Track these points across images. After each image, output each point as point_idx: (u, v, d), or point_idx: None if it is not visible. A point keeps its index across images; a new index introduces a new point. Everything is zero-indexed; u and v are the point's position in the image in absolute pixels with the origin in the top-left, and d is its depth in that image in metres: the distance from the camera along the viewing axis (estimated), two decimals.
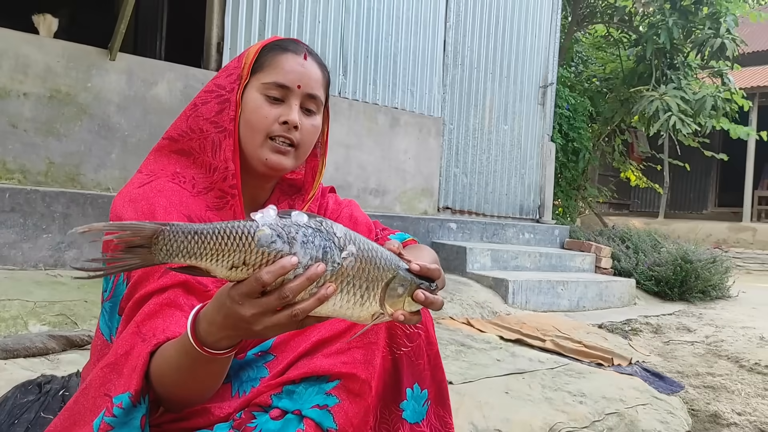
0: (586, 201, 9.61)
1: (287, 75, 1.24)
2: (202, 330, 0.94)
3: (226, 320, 0.90)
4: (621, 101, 8.59)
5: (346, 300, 0.91)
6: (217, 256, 0.85)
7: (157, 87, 4.07)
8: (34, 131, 3.65)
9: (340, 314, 0.93)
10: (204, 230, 0.85)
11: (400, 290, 0.94)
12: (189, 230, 0.86)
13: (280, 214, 0.88)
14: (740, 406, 2.97)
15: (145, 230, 0.85)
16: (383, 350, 1.18)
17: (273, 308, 0.87)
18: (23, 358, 2.50)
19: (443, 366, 1.29)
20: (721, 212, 15.81)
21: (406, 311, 0.95)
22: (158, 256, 0.86)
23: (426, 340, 1.24)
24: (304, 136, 1.26)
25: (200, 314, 0.95)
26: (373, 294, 0.92)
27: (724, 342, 4.13)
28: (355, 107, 5.12)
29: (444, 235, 5.37)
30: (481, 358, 3.25)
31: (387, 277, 0.93)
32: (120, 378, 1.05)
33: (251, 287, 0.86)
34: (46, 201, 3.34)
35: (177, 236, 0.85)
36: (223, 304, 0.90)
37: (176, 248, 0.85)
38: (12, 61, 3.57)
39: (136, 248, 0.86)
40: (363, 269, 0.91)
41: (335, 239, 0.89)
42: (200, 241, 0.85)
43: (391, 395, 1.20)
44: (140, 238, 0.85)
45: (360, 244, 0.91)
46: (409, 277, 0.95)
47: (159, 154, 1.30)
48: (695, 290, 5.82)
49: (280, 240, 0.86)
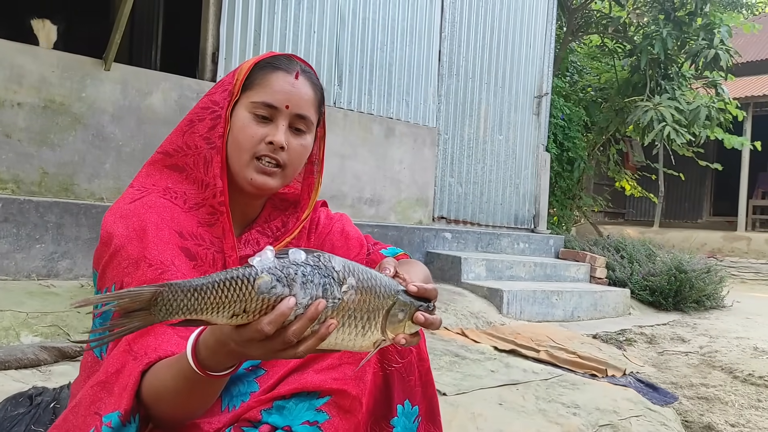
0: (581, 210, 9.64)
1: (276, 95, 1.23)
2: (204, 357, 0.94)
3: (230, 353, 0.91)
4: (616, 111, 8.64)
5: (348, 333, 0.91)
6: (217, 308, 0.85)
7: (151, 97, 4.07)
8: (28, 141, 3.64)
9: (343, 346, 0.93)
10: (203, 285, 0.85)
11: (400, 315, 0.95)
12: (188, 288, 0.85)
13: (278, 255, 0.88)
14: (734, 418, 2.97)
15: (143, 295, 0.85)
16: (374, 366, 1.18)
17: (277, 350, 0.88)
18: (15, 369, 2.49)
19: (434, 381, 1.29)
20: (716, 221, 15.88)
21: (407, 334, 0.96)
22: (158, 316, 0.85)
23: (417, 356, 1.24)
24: (291, 156, 1.25)
25: (200, 341, 0.95)
26: (374, 323, 0.93)
27: (718, 353, 4.14)
28: (350, 117, 5.13)
29: (439, 245, 5.38)
30: (475, 368, 3.25)
31: (387, 305, 0.93)
32: (110, 396, 1.05)
33: (254, 336, 0.86)
34: (40, 211, 3.34)
35: (176, 295, 0.85)
36: (226, 343, 0.90)
37: (176, 307, 0.85)
38: (6, 71, 3.57)
39: (134, 312, 0.85)
40: (363, 300, 0.91)
41: (334, 274, 0.89)
42: (200, 297, 0.85)
43: (381, 411, 1.20)
44: (139, 303, 0.85)
45: (359, 275, 0.91)
46: (408, 300, 0.95)
47: (152, 168, 1.29)
48: (690, 300, 5.83)
49: (279, 284, 0.85)
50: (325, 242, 1.42)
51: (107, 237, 1.17)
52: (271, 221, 1.36)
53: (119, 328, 0.86)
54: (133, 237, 1.15)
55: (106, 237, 1.18)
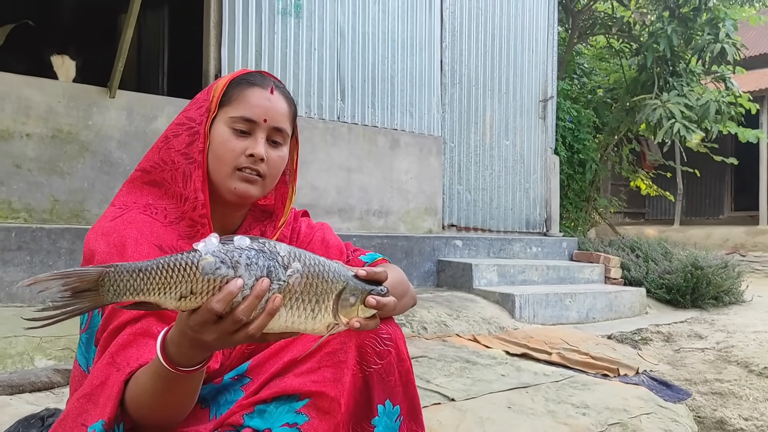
0: (598, 211, 9.58)
1: (253, 109, 1.28)
2: (172, 352, 0.98)
3: (192, 344, 0.95)
4: (626, 111, 8.59)
5: (298, 315, 0.95)
6: (164, 289, 0.89)
7: (156, 121, 4.16)
8: (38, 170, 3.74)
9: (295, 328, 0.96)
10: (148, 266, 0.89)
11: (351, 299, 0.98)
12: (133, 268, 0.89)
13: (223, 241, 0.92)
14: (747, 411, 2.94)
15: (89, 274, 0.89)
16: (353, 368, 1.20)
17: (230, 331, 0.92)
18: (29, 392, 2.55)
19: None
20: (738, 216, 15.63)
21: (361, 318, 0.99)
22: (107, 297, 0.89)
23: (397, 357, 1.26)
24: (270, 167, 1.30)
25: (167, 338, 0.99)
26: (324, 306, 0.96)
27: (734, 347, 4.09)
28: (354, 131, 5.18)
29: (450, 253, 5.38)
30: (485, 374, 3.24)
31: (337, 289, 0.97)
32: (96, 408, 1.09)
33: (205, 317, 0.90)
34: (52, 238, 3.42)
35: (122, 276, 0.89)
36: (185, 332, 0.94)
37: (123, 287, 0.89)
38: (14, 103, 3.68)
39: (84, 292, 0.89)
40: (310, 284, 0.95)
41: (279, 258, 0.93)
42: (145, 277, 0.88)
43: (363, 412, 1.22)
44: (86, 282, 0.88)
45: (306, 260, 0.95)
46: (359, 285, 0.99)
47: (132, 186, 1.34)
48: (708, 296, 5.76)
49: (224, 266, 0.89)
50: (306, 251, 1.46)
51: (89, 254, 1.22)
52: (251, 231, 1.40)
53: (70, 307, 0.89)
54: (113, 253, 1.19)
55: (89, 254, 1.23)
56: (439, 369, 3.18)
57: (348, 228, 5.06)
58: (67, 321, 0.90)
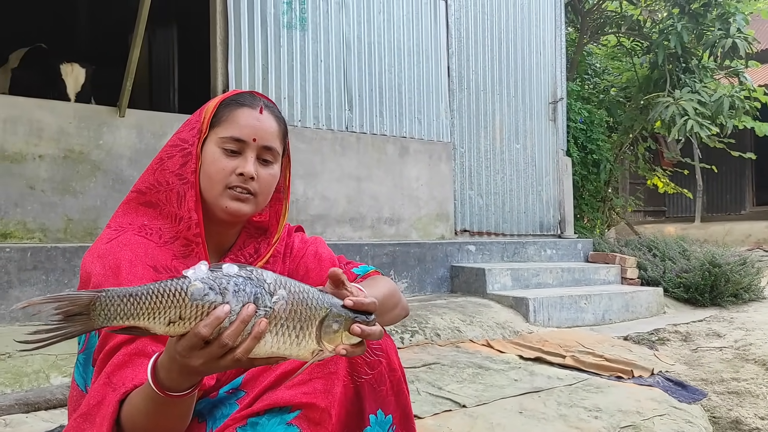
0: (615, 211, 9.50)
1: (243, 129, 1.32)
2: (162, 377, 1.00)
3: (181, 369, 0.98)
4: (639, 109, 8.54)
5: (283, 341, 0.97)
6: (153, 314, 0.92)
7: (166, 138, 4.20)
8: (51, 191, 3.81)
9: (281, 353, 0.99)
10: (138, 292, 0.92)
11: (335, 326, 1.00)
12: (123, 294, 0.92)
13: (212, 268, 0.95)
14: (764, 410, 2.91)
15: (81, 299, 0.92)
16: (344, 379, 1.22)
17: (217, 356, 0.95)
18: (44, 410, 2.60)
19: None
20: (761, 211, 15.41)
21: (347, 345, 1.01)
22: (97, 321, 0.92)
23: (388, 367, 1.28)
24: (261, 185, 1.33)
25: (158, 363, 1.02)
26: (308, 333, 0.99)
27: (752, 345, 4.04)
28: (363, 140, 5.21)
29: (463, 258, 5.38)
30: (498, 379, 3.24)
31: (320, 316, 0.99)
32: (93, 427, 1.12)
33: (193, 342, 0.93)
34: (67, 256, 3.48)
35: (113, 301, 0.92)
36: (174, 358, 0.97)
37: (113, 312, 0.92)
38: (26, 126, 3.76)
39: (75, 316, 0.92)
40: (295, 310, 0.97)
41: (265, 285, 0.96)
42: (135, 302, 0.91)
43: (354, 422, 1.23)
44: (78, 306, 0.92)
45: (291, 288, 0.98)
46: (343, 312, 1.01)
47: (127, 207, 1.38)
48: (726, 294, 5.69)
49: (212, 292, 0.92)
50: (300, 265, 1.48)
51: (86, 276, 1.26)
52: (245, 248, 1.43)
53: (61, 331, 0.93)
54: (109, 275, 1.22)
55: (85, 276, 1.26)
56: (452, 375, 3.18)
57: (360, 237, 5.08)
58: (73, 340, 0.93)
